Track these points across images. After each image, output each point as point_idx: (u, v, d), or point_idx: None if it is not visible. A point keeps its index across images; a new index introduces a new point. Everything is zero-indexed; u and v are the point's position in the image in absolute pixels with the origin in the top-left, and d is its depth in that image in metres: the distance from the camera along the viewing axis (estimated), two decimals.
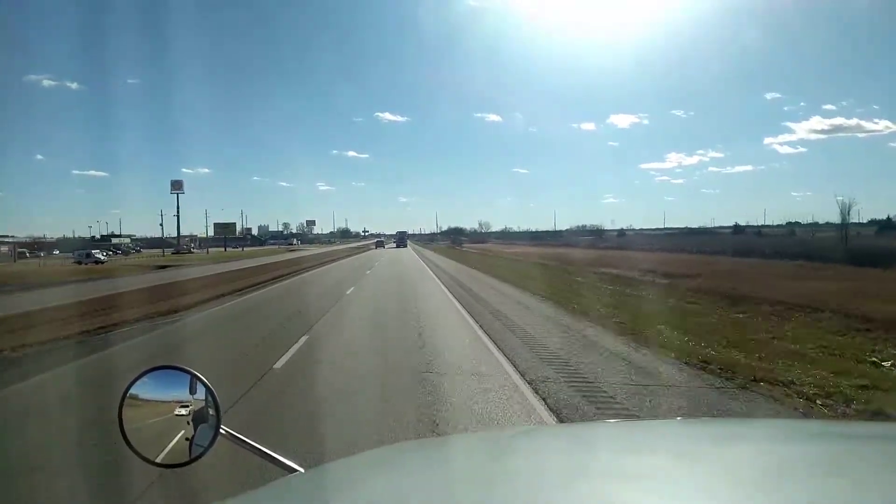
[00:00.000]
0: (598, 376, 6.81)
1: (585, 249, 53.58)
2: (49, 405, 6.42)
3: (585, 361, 7.62)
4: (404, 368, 7.28)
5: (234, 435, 1.32)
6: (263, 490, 1.17)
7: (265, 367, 7.52)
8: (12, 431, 5.59)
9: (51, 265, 53.52)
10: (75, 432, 5.05)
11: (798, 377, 6.35)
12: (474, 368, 7.32)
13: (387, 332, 10.53)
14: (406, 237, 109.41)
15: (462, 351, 8.53)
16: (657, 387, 6.31)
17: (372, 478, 1.12)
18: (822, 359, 7.34)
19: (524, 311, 12.89)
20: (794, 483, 0.86)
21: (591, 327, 10.38)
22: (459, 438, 2.64)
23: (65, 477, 4.21)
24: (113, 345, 10.04)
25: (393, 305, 14.64)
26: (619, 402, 5.77)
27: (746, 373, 6.64)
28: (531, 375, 6.85)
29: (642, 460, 1.06)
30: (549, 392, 6.12)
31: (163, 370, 1.38)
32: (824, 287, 14.71)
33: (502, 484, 0.96)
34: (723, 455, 1.08)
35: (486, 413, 5.41)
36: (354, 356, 8.33)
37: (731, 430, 1.52)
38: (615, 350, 8.32)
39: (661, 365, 7.30)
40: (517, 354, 8.10)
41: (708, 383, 6.41)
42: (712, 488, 0.85)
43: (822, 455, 1.05)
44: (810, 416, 5.28)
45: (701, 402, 5.71)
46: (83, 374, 8.00)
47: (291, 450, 3.54)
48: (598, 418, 5.16)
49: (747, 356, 7.52)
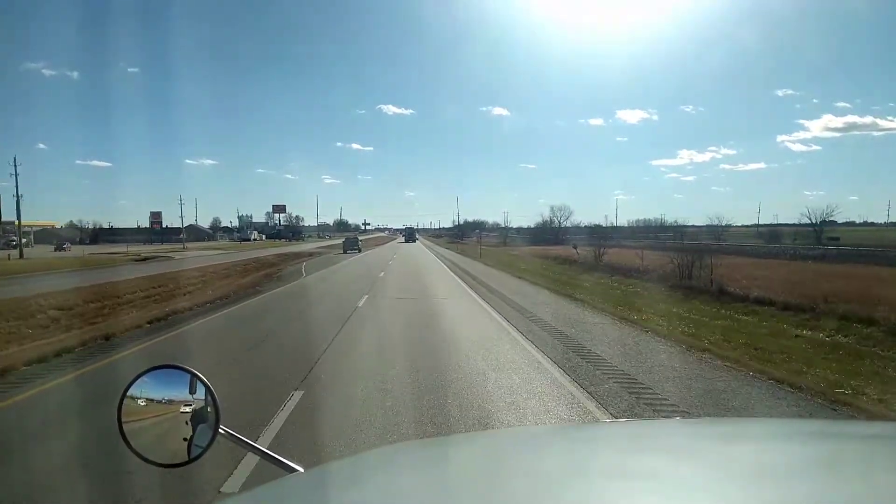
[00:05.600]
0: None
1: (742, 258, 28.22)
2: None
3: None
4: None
5: (233, 435, 1.32)
6: (263, 490, 1.17)
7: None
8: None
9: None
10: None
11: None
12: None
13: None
14: (414, 233, 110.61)
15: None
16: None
17: (372, 478, 1.12)
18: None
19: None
20: (794, 483, 0.86)
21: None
22: (459, 438, 2.64)
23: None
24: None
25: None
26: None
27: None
28: None
29: (642, 460, 1.06)
30: None
31: (162, 369, 1.37)
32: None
33: (502, 484, 0.96)
34: (723, 455, 1.08)
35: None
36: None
37: (731, 429, 1.52)
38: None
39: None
40: None
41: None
42: (712, 488, 0.85)
43: (822, 455, 1.05)
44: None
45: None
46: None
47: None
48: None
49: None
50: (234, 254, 50.13)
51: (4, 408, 6.16)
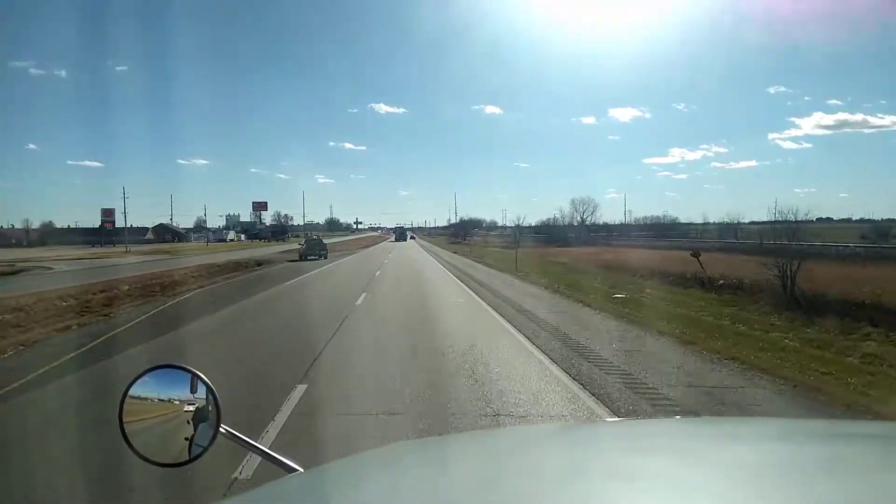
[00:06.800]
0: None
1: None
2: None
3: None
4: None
5: (234, 434, 1.32)
6: (262, 490, 1.17)
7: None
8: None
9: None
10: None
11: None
12: None
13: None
14: (406, 232, 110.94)
15: None
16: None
17: (372, 478, 1.12)
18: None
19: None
20: (793, 483, 0.86)
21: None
22: (459, 438, 2.64)
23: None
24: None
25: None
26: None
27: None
28: None
29: (642, 460, 1.06)
30: None
31: (163, 369, 1.38)
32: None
33: (502, 484, 0.96)
34: (723, 455, 1.08)
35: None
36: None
37: (731, 429, 1.52)
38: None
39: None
40: None
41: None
42: (712, 488, 0.85)
43: (822, 455, 1.05)
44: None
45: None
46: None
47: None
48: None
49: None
50: (153, 264, 33.89)
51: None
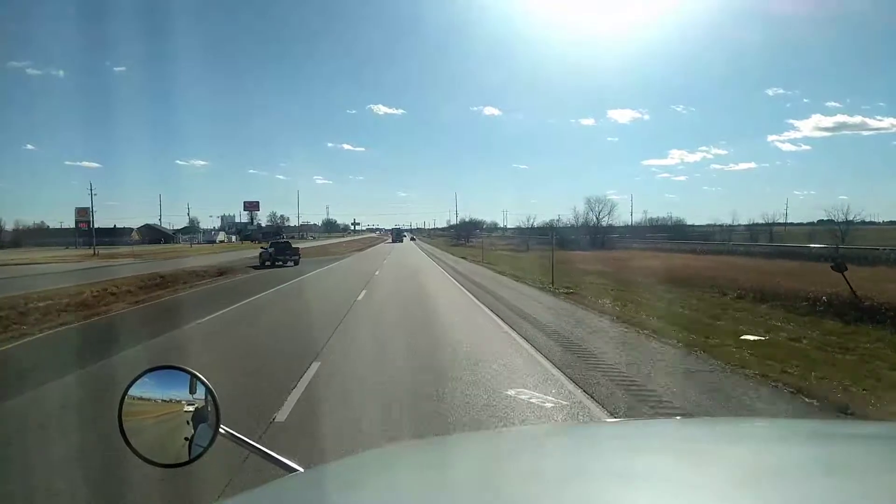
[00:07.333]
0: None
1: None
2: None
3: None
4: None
5: (233, 434, 1.32)
6: (262, 490, 1.17)
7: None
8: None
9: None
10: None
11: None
12: None
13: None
14: (403, 233, 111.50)
15: None
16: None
17: (371, 478, 1.12)
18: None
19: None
20: (793, 483, 0.86)
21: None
22: (459, 438, 2.64)
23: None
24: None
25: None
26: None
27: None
28: None
29: (642, 460, 1.06)
30: None
31: (163, 370, 1.38)
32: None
33: (502, 484, 0.96)
34: (723, 455, 1.08)
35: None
36: None
37: (730, 429, 1.52)
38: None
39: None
40: None
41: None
42: (712, 488, 0.85)
43: (822, 455, 1.05)
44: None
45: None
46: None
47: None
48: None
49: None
50: (86, 273, 27.19)
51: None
